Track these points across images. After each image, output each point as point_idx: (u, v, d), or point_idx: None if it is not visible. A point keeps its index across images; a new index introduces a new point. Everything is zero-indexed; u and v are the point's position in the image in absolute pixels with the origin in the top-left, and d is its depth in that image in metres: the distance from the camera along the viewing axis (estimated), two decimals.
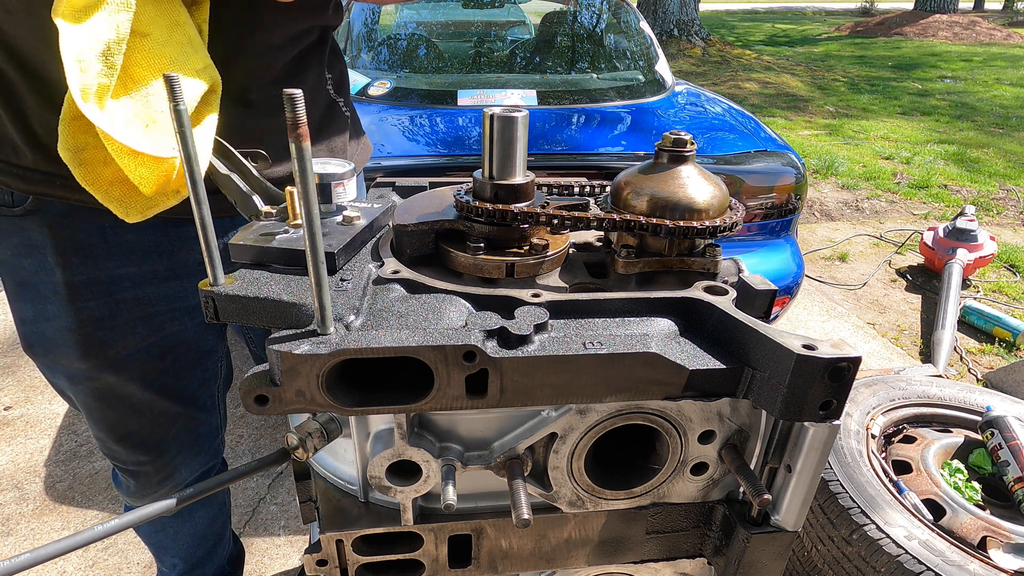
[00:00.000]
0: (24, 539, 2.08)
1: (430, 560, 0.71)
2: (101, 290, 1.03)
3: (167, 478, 1.26)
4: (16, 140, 0.90)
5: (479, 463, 0.66)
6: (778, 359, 0.56)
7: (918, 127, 7.77)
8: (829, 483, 1.62)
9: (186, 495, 0.63)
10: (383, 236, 0.78)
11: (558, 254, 0.73)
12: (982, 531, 1.54)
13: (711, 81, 10.03)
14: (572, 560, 0.76)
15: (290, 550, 2.09)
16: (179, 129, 0.52)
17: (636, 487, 0.69)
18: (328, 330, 0.55)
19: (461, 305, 0.64)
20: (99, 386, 1.10)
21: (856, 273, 4.17)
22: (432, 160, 2.36)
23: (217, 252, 0.59)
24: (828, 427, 0.61)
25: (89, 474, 2.34)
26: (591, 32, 3.91)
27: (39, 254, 0.99)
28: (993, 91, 9.89)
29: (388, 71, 3.22)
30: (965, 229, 3.85)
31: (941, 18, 17.16)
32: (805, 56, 13.36)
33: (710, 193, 0.70)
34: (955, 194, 5.53)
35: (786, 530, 0.68)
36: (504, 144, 0.69)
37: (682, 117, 2.94)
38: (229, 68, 0.97)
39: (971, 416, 1.93)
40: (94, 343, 1.05)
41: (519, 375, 0.56)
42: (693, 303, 0.64)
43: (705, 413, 0.65)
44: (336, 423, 0.66)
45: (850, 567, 1.52)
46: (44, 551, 0.54)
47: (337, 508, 0.71)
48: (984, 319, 3.48)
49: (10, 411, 2.64)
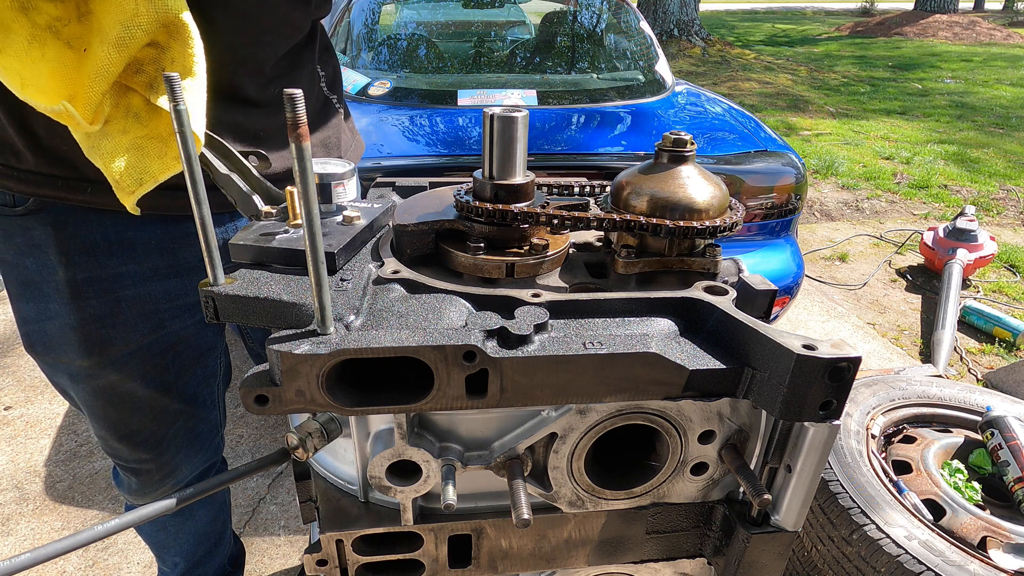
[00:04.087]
0: (24, 539, 2.08)
1: (430, 560, 0.71)
2: (103, 288, 1.03)
3: (168, 475, 1.27)
4: (17, 144, 0.90)
5: (479, 463, 0.66)
6: (778, 359, 0.56)
7: (918, 127, 7.77)
8: (829, 483, 1.62)
9: (186, 495, 0.63)
10: (383, 236, 0.78)
11: (558, 254, 0.73)
12: (982, 531, 1.54)
13: (711, 81, 10.03)
14: (572, 560, 0.76)
15: (290, 550, 2.09)
16: (179, 129, 0.52)
17: (636, 487, 0.69)
18: (328, 330, 0.55)
19: (461, 305, 0.64)
20: (101, 384, 1.10)
21: (856, 273, 4.17)
22: (432, 160, 2.36)
23: (217, 252, 0.60)
24: (828, 427, 0.61)
25: (89, 474, 2.34)
26: (591, 32, 3.90)
27: (41, 253, 0.99)
28: (993, 91, 9.88)
29: (388, 71, 3.22)
30: (965, 229, 3.85)
31: (941, 18, 17.16)
32: (805, 56, 13.36)
33: (710, 193, 0.70)
34: (955, 194, 5.53)
35: (786, 530, 0.68)
36: (504, 144, 0.69)
37: (682, 117, 2.94)
38: (219, 63, 0.97)
39: (971, 416, 1.93)
40: (96, 341, 1.05)
41: (519, 375, 0.56)
42: (693, 303, 0.64)
43: (705, 413, 0.65)
44: (336, 423, 0.66)
45: (850, 567, 1.52)
46: (44, 551, 0.54)
47: (337, 508, 0.71)
48: (984, 319, 3.48)
49: (10, 411, 2.64)
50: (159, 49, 0.72)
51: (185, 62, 0.72)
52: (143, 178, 0.74)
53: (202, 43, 0.73)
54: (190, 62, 0.72)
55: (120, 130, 0.73)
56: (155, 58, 0.72)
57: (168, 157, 0.75)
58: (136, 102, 0.74)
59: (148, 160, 0.74)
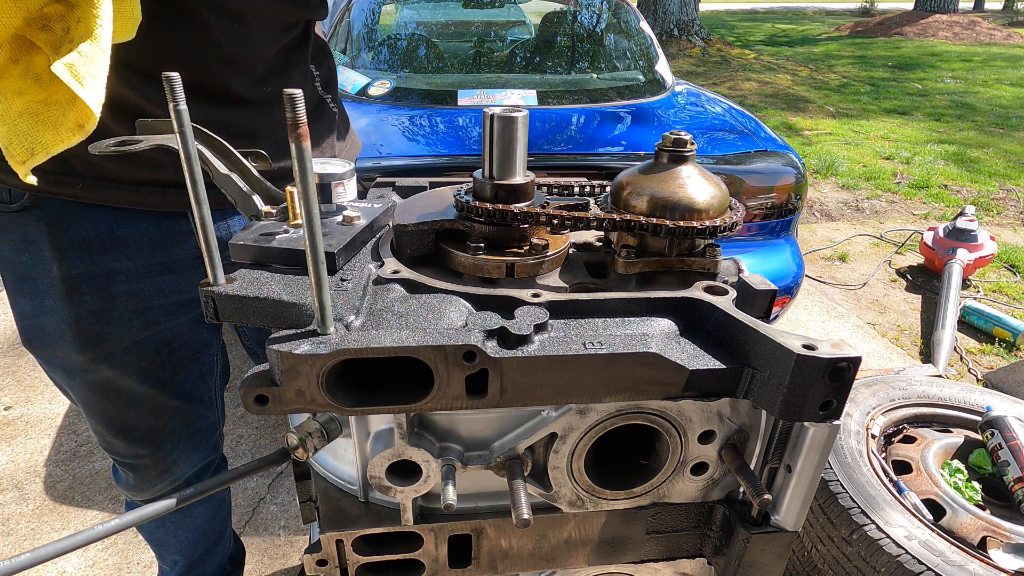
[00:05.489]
0: (24, 539, 2.08)
1: (430, 560, 0.71)
2: (97, 284, 1.03)
3: (166, 472, 1.27)
4: None
5: (479, 463, 0.66)
6: (778, 359, 0.56)
7: (918, 127, 7.77)
8: (829, 483, 1.62)
9: (186, 494, 0.63)
10: (383, 236, 0.78)
11: (558, 254, 0.73)
12: (982, 531, 1.54)
13: (711, 81, 10.03)
14: (572, 560, 0.76)
15: (290, 550, 2.09)
16: (179, 129, 0.52)
17: (636, 487, 0.69)
18: (328, 330, 0.55)
19: (461, 305, 0.64)
20: (96, 379, 1.11)
21: (856, 273, 4.17)
22: (432, 160, 2.36)
23: (217, 252, 0.59)
24: (828, 427, 0.61)
25: (89, 474, 2.34)
26: (591, 32, 3.90)
27: (37, 249, 1.00)
28: (993, 91, 9.88)
29: (388, 71, 3.22)
30: (965, 229, 3.85)
31: (941, 18, 17.16)
32: (805, 56, 13.36)
33: (710, 193, 0.70)
34: (955, 194, 5.53)
35: (786, 530, 0.68)
36: (504, 144, 0.69)
37: (682, 117, 2.94)
38: (208, 62, 0.97)
39: (971, 416, 1.93)
40: (91, 337, 1.06)
41: (519, 375, 0.56)
42: (693, 303, 0.64)
43: (705, 413, 0.65)
44: (336, 423, 0.66)
45: (850, 567, 1.52)
46: (44, 551, 0.54)
47: (337, 508, 0.71)
48: (984, 319, 3.48)
49: (10, 411, 2.64)
50: (68, 6, 0.66)
51: (89, 23, 0.65)
52: (35, 148, 0.68)
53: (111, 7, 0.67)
54: (93, 24, 0.65)
55: (15, 90, 0.67)
56: (62, 15, 0.66)
57: (63, 128, 0.69)
58: (39, 62, 0.67)
59: (42, 129, 0.68)
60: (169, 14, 0.89)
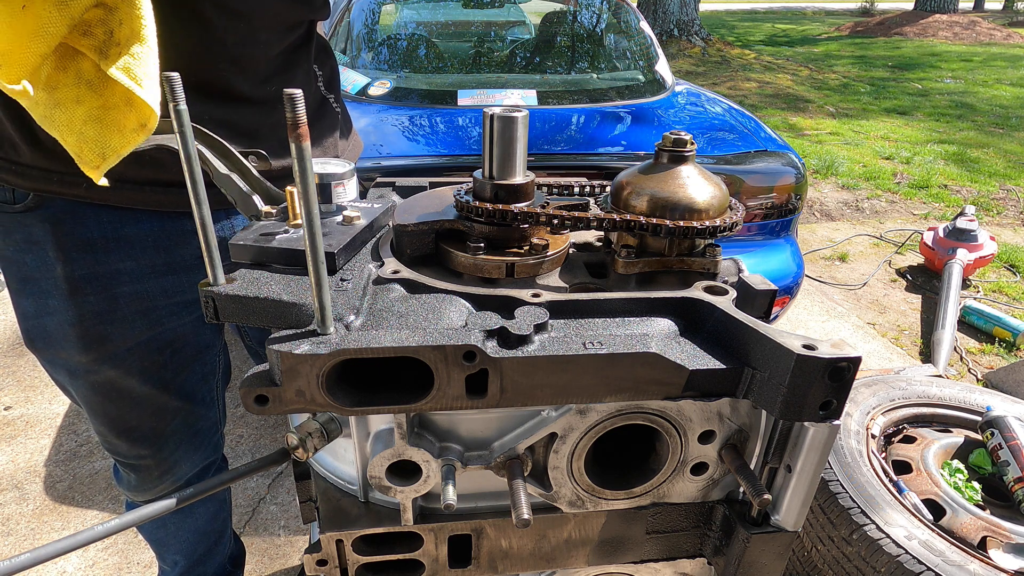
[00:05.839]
0: (24, 539, 2.08)
1: (430, 560, 0.71)
2: (101, 285, 1.03)
3: (167, 472, 1.27)
4: (14, 137, 0.90)
5: (479, 463, 0.66)
6: (778, 359, 0.56)
7: (918, 127, 7.77)
8: (829, 483, 1.62)
9: (186, 495, 0.63)
10: (383, 236, 0.78)
11: (558, 254, 0.73)
12: (982, 531, 1.54)
13: (711, 81, 10.03)
14: (572, 560, 0.76)
15: (290, 550, 2.09)
16: (179, 129, 0.52)
17: (636, 487, 0.69)
18: (328, 330, 0.55)
19: (461, 305, 0.64)
20: (99, 380, 1.11)
21: (856, 273, 4.17)
22: (432, 160, 2.36)
23: (217, 251, 0.59)
24: (828, 427, 0.61)
25: (89, 474, 2.34)
26: (591, 32, 3.90)
27: (40, 250, 1.00)
28: (993, 91, 9.88)
29: (388, 71, 3.22)
30: (965, 229, 3.85)
31: (941, 18, 17.16)
32: (805, 56, 13.36)
33: (710, 193, 0.70)
34: (955, 194, 5.53)
35: (786, 530, 0.68)
36: (504, 144, 0.69)
37: (682, 117, 2.94)
38: (213, 60, 0.96)
39: (971, 416, 1.93)
40: (94, 337, 1.06)
41: (519, 375, 0.56)
42: (693, 303, 0.64)
43: (705, 413, 0.65)
44: (336, 423, 0.66)
45: (850, 567, 1.52)
46: (44, 551, 0.54)
47: (337, 508, 0.71)
48: (984, 319, 3.48)
49: (10, 411, 2.64)
50: (107, 10, 0.66)
51: (133, 24, 0.66)
52: (106, 152, 0.70)
53: (151, 7, 0.67)
54: (138, 24, 0.66)
55: (73, 99, 0.69)
56: (103, 19, 0.66)
57: (127, 130, 0.70)
58: (87, 68, 0.69)
59: (109, 133, 0.70)
60: (174, 12, 0.89)
